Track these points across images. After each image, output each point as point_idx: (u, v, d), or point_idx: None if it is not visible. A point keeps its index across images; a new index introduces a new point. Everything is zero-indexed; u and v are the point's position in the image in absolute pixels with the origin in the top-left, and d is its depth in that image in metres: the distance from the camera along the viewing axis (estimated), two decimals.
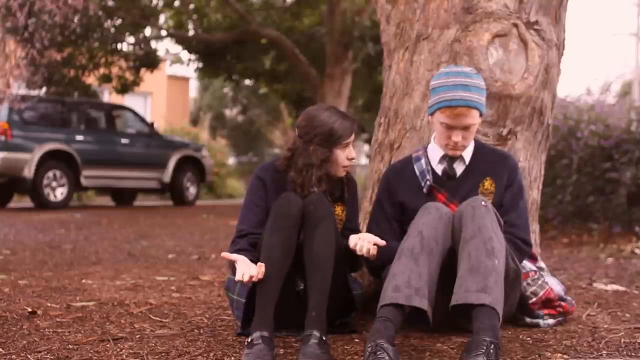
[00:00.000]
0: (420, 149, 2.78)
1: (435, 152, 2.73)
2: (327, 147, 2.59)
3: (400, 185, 2.75)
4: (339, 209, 2.71)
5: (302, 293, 2.54)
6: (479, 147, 2.74)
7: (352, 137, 2.64)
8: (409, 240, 2.40)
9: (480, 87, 2.60)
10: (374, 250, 2.49)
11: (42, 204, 10.82)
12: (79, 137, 11.53)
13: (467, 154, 2.71)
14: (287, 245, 2.43)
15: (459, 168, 2.70)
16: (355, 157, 2.67)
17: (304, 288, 2.52)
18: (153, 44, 15.20)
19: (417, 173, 2.72)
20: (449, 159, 2.70)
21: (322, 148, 2.59)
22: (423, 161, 2.73)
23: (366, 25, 14.55)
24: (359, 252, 2.50)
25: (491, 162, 2.71)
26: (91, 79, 14.20)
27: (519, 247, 2.64)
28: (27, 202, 12.55)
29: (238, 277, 2.37)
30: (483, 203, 2.41)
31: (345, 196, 2.73)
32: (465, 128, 2.60)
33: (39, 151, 10.73)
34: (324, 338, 2.29)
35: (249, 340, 2.29)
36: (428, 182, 2.68)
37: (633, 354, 2.37)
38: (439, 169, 2.71)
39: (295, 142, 2.67)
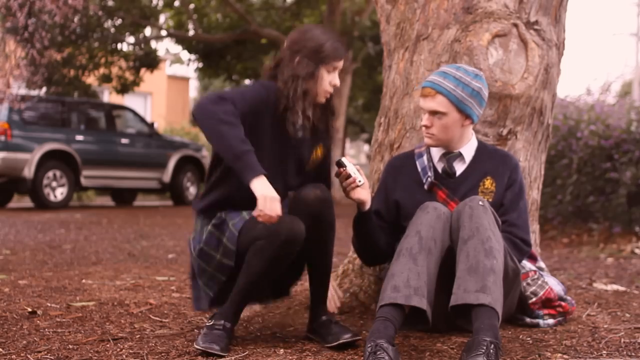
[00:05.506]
0: (423, 145, 2.78)
1: (436, 150, 2.73)
2: (314, 61, 2.53)
3: (398, 180, 2.75)
4: (319, 151, 2.66)
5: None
6: (480, 147, 2.74)
7: (341, 63, 2.58)
8: (407, 240, 2.40)
9: (464, 82, 2.57)
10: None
11: (42, 204, 10.82)
12: (79, 137, 11.53)
13: (468, 154, 2.70)
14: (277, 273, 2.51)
15: (458, 167, 2.70)
16: (339, 85, 2.60)
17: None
18: (153, 44, 15.23)
19: (419, 169, 2.72)
20: (448, 158, 2.70)
21: (308, 61, 2.53)
22: (425, 158, 2.72)
23: (366, 25, 14.57)
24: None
25: (492, 162, 2.71)
26: (91, 79, 14.22)
27: (519, 246, 2.64)
28: (27, 202, 12.55)
29: (262, 207, 2.26)
30: (480, 203, 2.41)
31: (330, 130, 2.67)
32: (432, 113, 2.59)
33: (39, 151, 10.73)
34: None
35: (211, 322, 2.43)
36: (429, 179, 2.68)
37: (633, 354, 2.37)
38: (439, 166, 2.71)
39: (282, 53, 2.60)
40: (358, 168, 2.57)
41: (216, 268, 2.53)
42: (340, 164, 2.54)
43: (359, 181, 2.54)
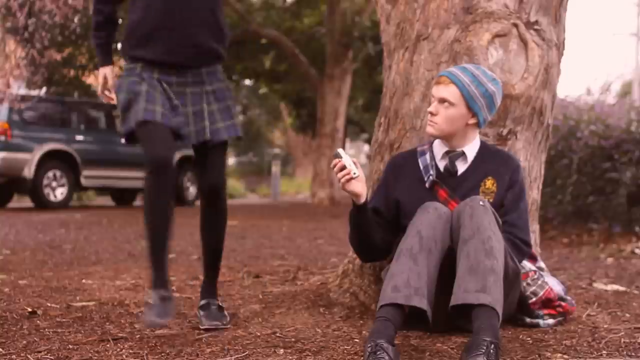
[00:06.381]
0: (426, 144, 2.78)
1: (439, 149, 2.73)
2: None
3: (400, 178, 2.75)
4: None
5: None
6: (483, 148, 2.74)
7: None
8: (408, 240, 2.40)
9: (480, 82, 2.60)
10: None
11: (42, 204, 10.83)
12: (79, 137, 11.54)
13: (471, 153, 2.70)
14: (170, 207, 2.67)
15: (460, 166, 2.70)
16: None
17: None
18: None
19: (421, 167, 2.72)
20: (451, 156, 2.70)
21: None
22: (427, 156, 2.73)
23: (366, 25, 14.56)
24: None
25: (494, 162, 2.71)
26: (91, 79, 14.22)
27: (519, 247, 2.65)
28: (27, 202, 12.55)
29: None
30: (481, 203, 2.41)
31: None
32: (441, 101, 2.61)
33: (39, 151, 10.75)
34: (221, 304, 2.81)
35: (148, 300, 2.52)
36: (431, 177, 2.68)
37: (633, 354, 2.37)
38: (441, 165, 2.72)
39: None
40: (354, 160, 2.57)
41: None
42: (336, 155, 2.55)
43: (354, 173, 2.54)
